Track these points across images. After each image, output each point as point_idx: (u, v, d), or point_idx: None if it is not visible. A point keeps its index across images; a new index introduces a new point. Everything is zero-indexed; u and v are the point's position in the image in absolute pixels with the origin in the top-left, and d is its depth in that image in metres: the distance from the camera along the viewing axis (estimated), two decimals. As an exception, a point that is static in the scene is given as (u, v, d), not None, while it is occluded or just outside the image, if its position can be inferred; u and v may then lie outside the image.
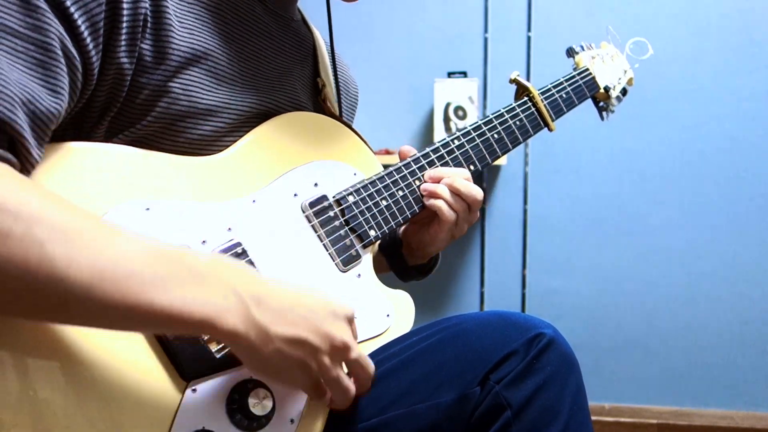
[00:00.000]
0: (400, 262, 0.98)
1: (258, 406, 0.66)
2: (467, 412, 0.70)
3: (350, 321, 0.65)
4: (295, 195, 0.77)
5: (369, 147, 0.89)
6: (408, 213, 0.86)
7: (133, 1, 0.63)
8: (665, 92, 2.05)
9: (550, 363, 0.69)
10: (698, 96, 2.05)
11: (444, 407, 0.71)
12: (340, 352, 0.63)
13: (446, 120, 2.05)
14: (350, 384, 0.66)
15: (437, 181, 0.88)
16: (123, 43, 0.63)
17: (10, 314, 0.50)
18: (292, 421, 0.70)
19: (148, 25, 0.65)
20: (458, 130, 0.94)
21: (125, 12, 0.62)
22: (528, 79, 1.90)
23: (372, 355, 0.78)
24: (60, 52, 0.56)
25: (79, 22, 0.58)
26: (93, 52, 0.60)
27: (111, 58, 0.62)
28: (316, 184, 0.79)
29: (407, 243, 0.95)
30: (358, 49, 2.19)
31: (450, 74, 2.10)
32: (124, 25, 0.62)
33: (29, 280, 0.46)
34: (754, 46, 2.01)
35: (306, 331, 0.59)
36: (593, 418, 2.04)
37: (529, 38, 2.13)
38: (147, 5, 0.64)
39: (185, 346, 0.62)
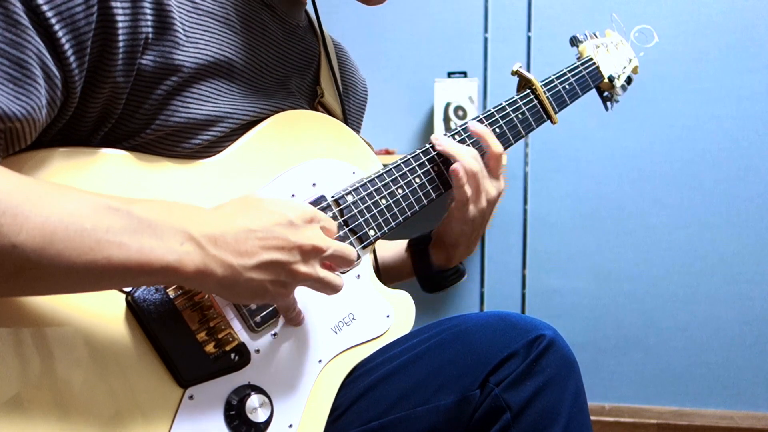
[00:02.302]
0: (425, 263, 0.94)
1: (256, 412, 0.66)
2: (467, 415, 0.70)
3: (310, 221, 0.64)
4: (293, 195, 0.76)
5: (369, 145, 0.88)
6: (409, 213, 0.85)
7: (132, 21, 0.61)
8: (665, 92, 2.05)
9: (550, 365, 0.69)
10: (698, 96, 2.04)
11: (444, 410, 0.71)
12: (313, 254, 0.63)
13: (446, 120, 2.05)
14: (335, 278, 0.66)
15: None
16: (119, 61, 0.61)
17: None
18: (291, 426, 0.70)
19: (150, 41, 0.64)
20: (459, 125, 0.92)
21: (121, 32, 0.61)
22: (528, 79, 1.89)
23: (372, 357, 0.78)
24: (38, 70, 0.56)
25: (63, 40, 0.57)
26: (76, 71, 0.59)
27: (104, 76, 0.61)
28: (314, 184, 0.79)
29: (436, 233, 0.94)
30: (359, 49, 2.19)
31: (450, 74, 2.09)
32: (120, 44, 0.61)
33: None
34: (754, 46, 2.00)
35: (269, 252, 0.60)
36: (593, 418, 2.04)
37: (529, 38, 2.13)
38: (149, 23, 0.63)
39: (181, 351, 0.62)
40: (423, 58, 2.20)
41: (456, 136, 0.90)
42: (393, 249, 1.00)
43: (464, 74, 2.09)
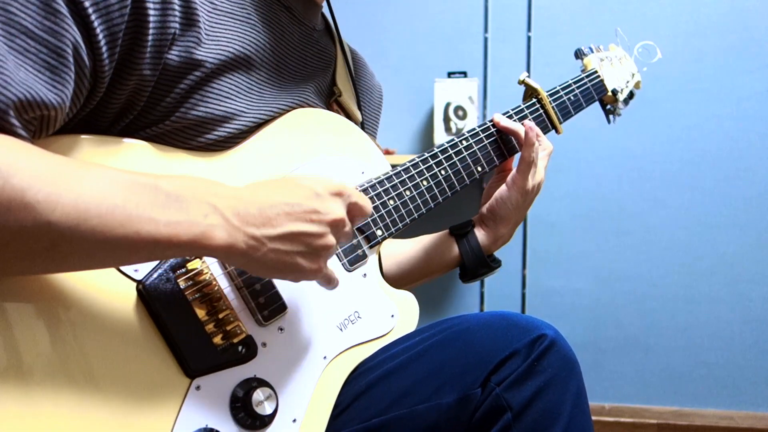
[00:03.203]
0: (473, 245, 0.95)
1: (261, 405, 0.66)
2: (468, 414, 0.70)
3: (335, 194, 0.64)
4: None
5: (378, 145, 0.89)
6: (416, 214, 0.85)
7: (162, 15, 0.63)
8: (665, 92, 2.05)
9: (551, 365, 0.69)
10: (698, 96, 2.05)
11: (445, 408, 0.71)
12: (336, 226, 0.63)
13: (446, 120, 2.05)
14: (332, 273, 0.67)
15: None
16: (148, 55, 0.63)
17: (5, 266, 0.51)
18: (294, 420, 0.70)
19: (177, 36, 0.65)
20: (467, 131, 0.93)
21: (152, 26, 0.62)
22: (528, 80, 1.90)
23: (374, 356, 0.79)
24: (71, 59, 0.57)
25: (98, 30, 0.58)
26: (107, 62, 0.60)
27: (132, 68, 0.63)
28: None
29: (483, 213, 0.96)
30: (359, 49, 2.19)
31: (450, 74, 2.10)
32: (150, 38, 0.62)
33: (16, 228, 0.47)
34: (754, 46, 2.01)
35: (294, 223, 0.60)
36: (593, 418, 2.04)
37: (529, 38, 2.13)
38: (177, 18, 0.64)
39: (190, 341, 0.63)
40: (423, 58, 2.20)
41: (464, 141, 0.92)
42: (411, 249, 1.01)
43: (464, 74, 2.09)
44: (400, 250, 1.01)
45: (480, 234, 0.95)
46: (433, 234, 1.00)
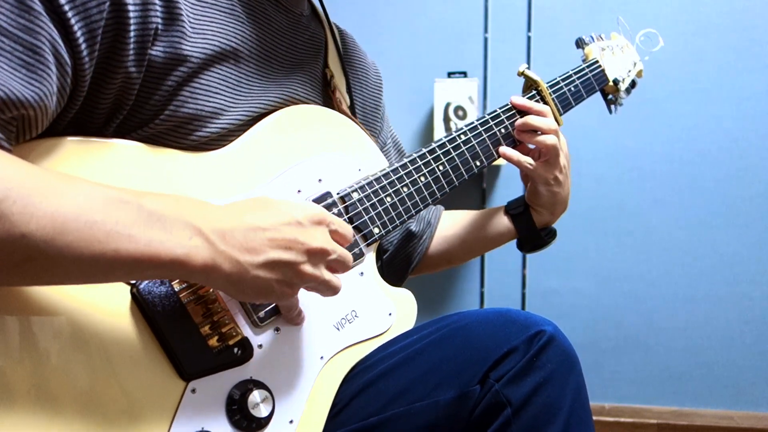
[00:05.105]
0: (528, 224, 1.01)
1: (257, 407, 0.66)
2: (467, 411, 0.70)
3: (319, 223, 0.64)
4: (299, 191, 0.77)
5: (375, 142, 0.88)
6: (413, 211, 0.85)
7: (142, 11, 0.62)
8: (665, 92, 2.05)
9: (550, 361, 0.69)
10: (698, 96, 2.04)
11: (443, 405, 0.71)
12: (319, 256, 0.63)
13: (446, 120, 2.05)
14: (337, 281, 0.67)
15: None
16: (131, 51, 0.62)
17: None
18: (291, 421, 0.70)
19: (159, 32, 0.64)
20: (465, 125, 0.92)
21: (132, 21, 0.61)
22: (528, 79, 1.89)
23: (372, 354, 0.79)
24: (50, 56, 0.56)
25: (76, 27, 0.58)
26: (87, 59, 0.59)
27: (116, 66, 0.62)
28: (320, 180, 0.79)
29: (529, 201, 1.01)
30: (358, 49, 2.19)
31: (450, 74, 2.10)
32: (132, 34, 0.62)
33: None
34: (754, 46, 2.01)
35: (277, 251, 0.60)
36: (593, 418, 2.04)
37: (529, 38, 2.13)
38: (159, 13, 0.64)
39: (185, 344, 0.62)
40: (423, 58, 2.20)
41: (462, 135, 0.92)
42: (461, 222, 1.06)
43: (464, 74, 2.09)
44: (455, 222, 1.06)
45: (534, 213, 1.01)
46: (488, 209, 1.06)
